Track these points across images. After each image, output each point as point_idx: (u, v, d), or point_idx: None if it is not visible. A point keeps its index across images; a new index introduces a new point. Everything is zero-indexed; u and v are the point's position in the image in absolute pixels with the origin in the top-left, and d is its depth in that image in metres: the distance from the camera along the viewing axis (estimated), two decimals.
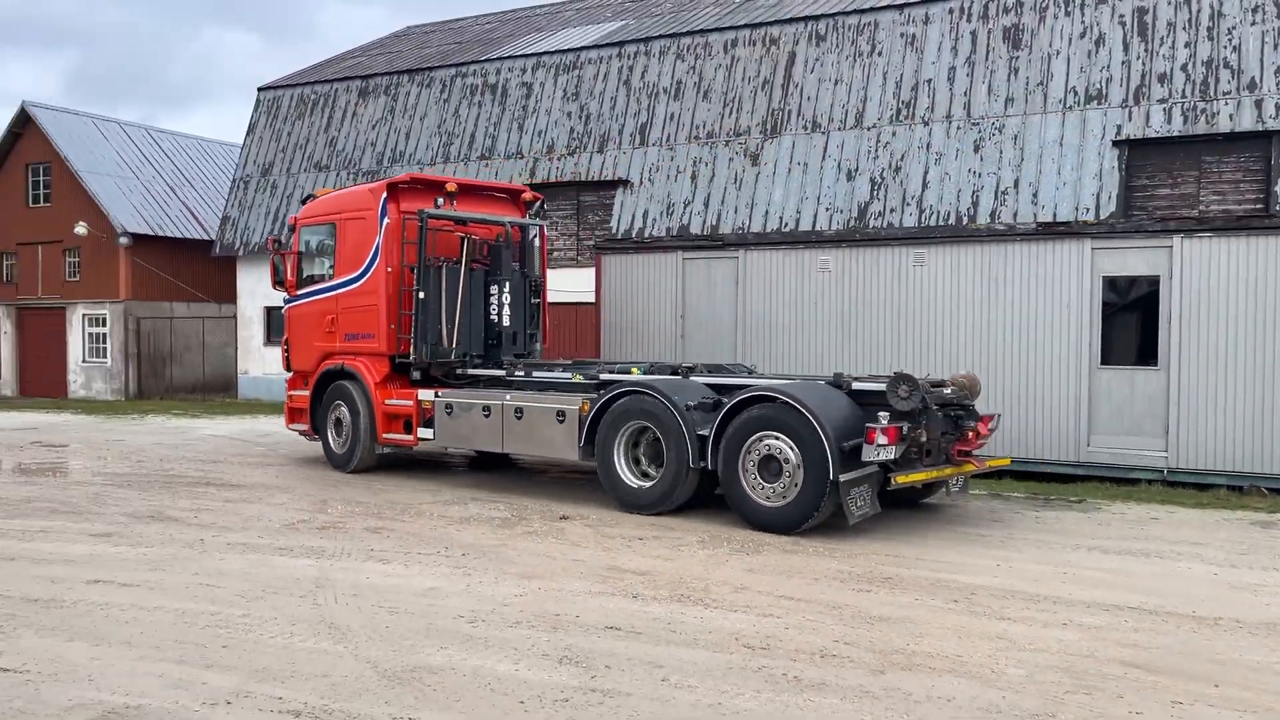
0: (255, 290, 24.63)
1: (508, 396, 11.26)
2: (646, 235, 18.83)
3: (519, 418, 11.03)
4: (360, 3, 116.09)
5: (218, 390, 27.47)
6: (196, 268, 28.37)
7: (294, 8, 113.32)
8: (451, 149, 22.10)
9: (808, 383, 9.68)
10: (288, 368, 13.94)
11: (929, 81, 17.47)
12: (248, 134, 25.40)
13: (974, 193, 16.43)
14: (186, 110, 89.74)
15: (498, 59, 22.28)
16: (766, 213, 18.04)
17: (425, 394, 12.07)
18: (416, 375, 12.48)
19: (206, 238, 28.46)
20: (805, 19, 18.94)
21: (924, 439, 9.01)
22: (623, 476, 10.09)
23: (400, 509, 10.02)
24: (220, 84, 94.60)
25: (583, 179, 20.32)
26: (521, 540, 8.57)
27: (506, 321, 12.60)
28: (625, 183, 19.81)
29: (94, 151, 28.46)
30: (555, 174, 20.67)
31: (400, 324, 12.32)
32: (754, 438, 9.14)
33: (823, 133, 18.05)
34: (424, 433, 12.05)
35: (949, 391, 9.47)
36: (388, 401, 12.37)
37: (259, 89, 25.58)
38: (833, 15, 18.67)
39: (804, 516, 8.79)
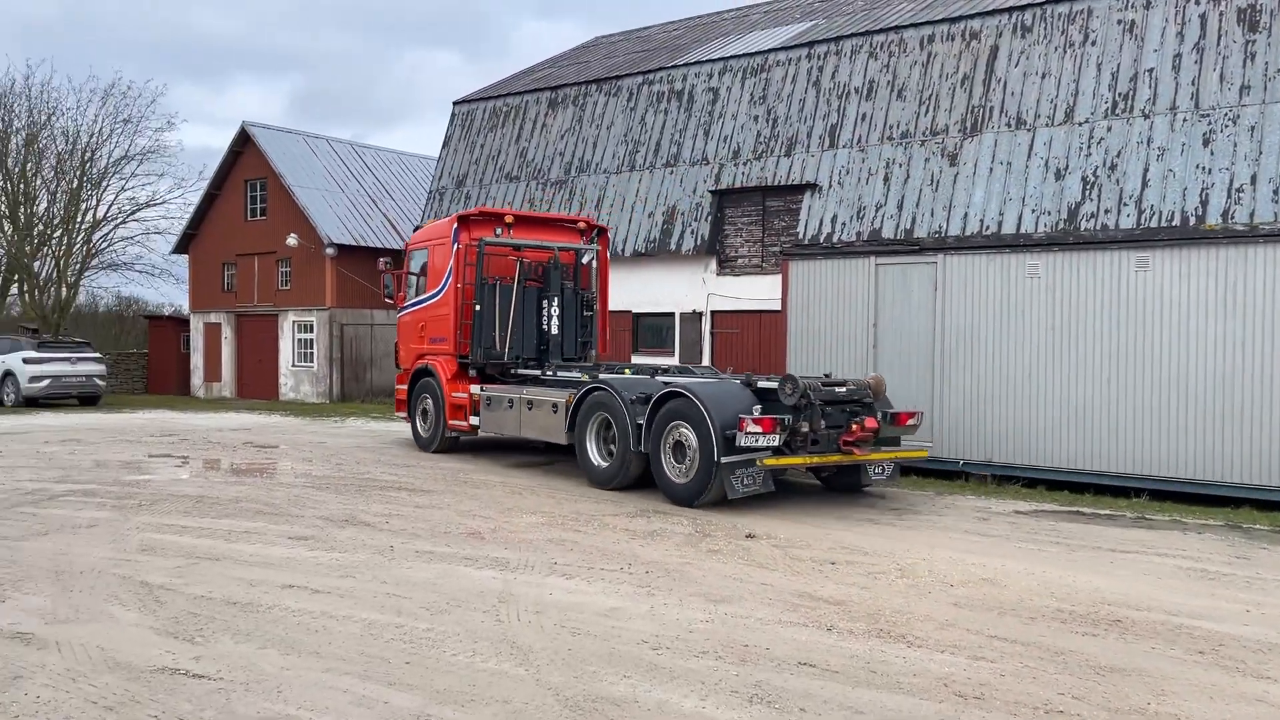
0: None
1: (524, 391, 13.57)
2: (835, 240, 18.18)
3: (530, 408, 13.32)
4: (554, 18, 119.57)
5: None
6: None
7: (491, 26, 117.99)
8: (637, 157, 22.09)
9: (719, 381, 11.55)
10: (397, 366, 16.69)
11: (1150, 71, 16.05)
12: (443, 147, 26.26)
13: (1203, 190, 14.95)
14: (391, 128, 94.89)
15: (684, 65, 22.12)
16: (966, 215, 17.05)
17: (475, 388, 14.61)
18: (473, 373, 14.98)
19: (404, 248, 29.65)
20: (1009, 10, 17.81)
21: (806, 429, 10.45)
22: (591, 457, 12.16)
23: (585, 520, 9.86)
24: (422, 102, 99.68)
25: (768, 183, 19.85)
26: (706, 559, 8.22)
27: (555, 330, 15.04)
28: (813, 186, 19.21)
29: (304, 167, 30.17)
30: (740, 179, 20.30)
31: (463, 331, 14.89)
32: (669, 426, 10.95)
33: (1028, 130, 16.90)
34: (474, 420, 14.58)
35: (842, 390, 10.86)
36: (454, 394, 14.96)
37: (454, 103, 26.41)
38: (1040, 5, 17.47)
39: (700, 490, 10.53)
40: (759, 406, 10.50)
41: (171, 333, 33.76)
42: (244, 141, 30.40)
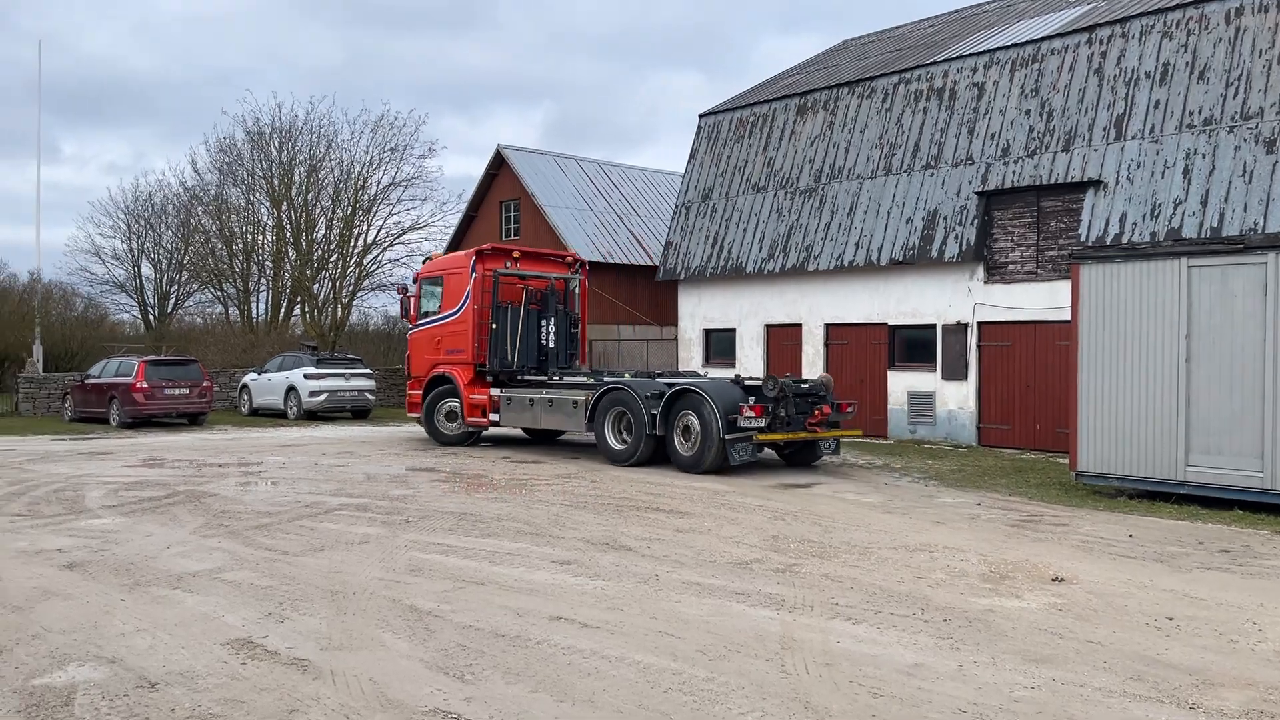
0: (695, 313, 25.08)
1: (543, 392, 17.20)
2: (1125, 241, 16.30)
3: (550, 406, 16.90)
4: (795, 33, 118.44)
5: None
6: (640, 292, 29.70)
7: (732, 45, 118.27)
8: (893, 160, 20.90)
9: (716, 380, 15.88)
10: (409, 374, 19.84)
11: None
12: (689, 160, 26.03)
13: None
14: (637, 149, 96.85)
15: (944, 60, 20.74)
16: None
17: (494, 391, 17.93)
18: (490, 379, 18.17)
19: (650, 263, 29.69)
20: None
21: (783, 414, 14.66)
22: (610, 441, 15.82)
23: (861, 553, 8.99)
24: (665, 122, 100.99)
25: (1043, 182, 18.16)
26: (1011, 604, 7.17)
27: (551, 344, 18.67)
28: (1097, 183, 17.37)
29: (555, 187, 30.87)
30: (1011, 179, 18.70)
31: (481, 345, 18.18)
32: (679, 415, 14.77)
33: None
34: (493, 417, 17.87)
35: (806, 385, 15.29)
36: (472, 396, 18.21)
37: (700, 115, 26.13)
38: None
39: (700, 461, 14.38)
40: (752, 398, 14.37)
41: None
42: (499, 164, 31.48)
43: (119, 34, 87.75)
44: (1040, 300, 18.20)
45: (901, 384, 20.48)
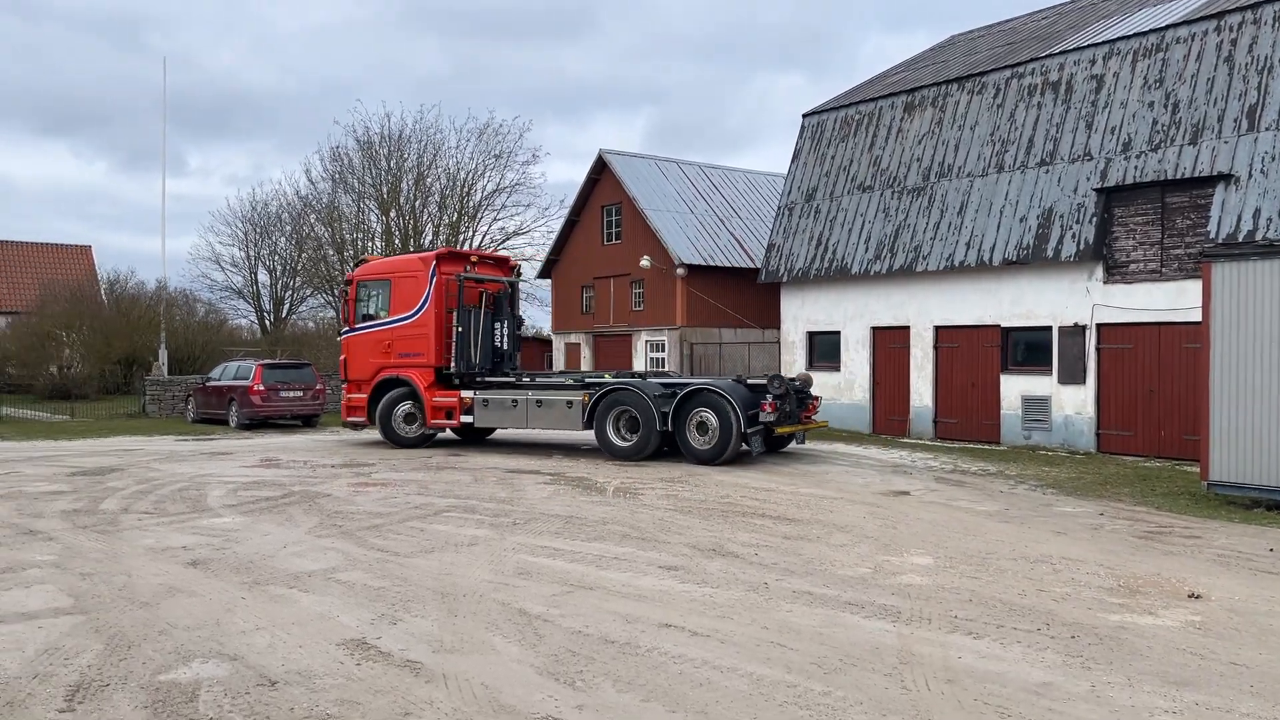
0: (798, 315, 24.75)
1: (529, 393, 17.58)
2: (1259, 238, 15.43)
3: (539, 406, 17.38)
4: (902, 30, 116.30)
5: None
6: (742, 294, 29.47)
7: (837, 45, 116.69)
8: (1005, 157, 20.24)
9: (720, 379, 16.70)
10: (345, 378, 19.55)
11: None
12: (793, 161, 25.71)
13: None
14: (739, 151, 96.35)
15: (1060, 53, 19.99)
16: None
17: (467, 393, 18.13)
18: (457, 381, 18.37)
19: (751, 265, 29.44)
20: None
21: (786, 409, 16.32)
22: (613, 440, 16.72)
23: (980, 563, 8.66)
24: (769, 124, 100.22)
25: (1168, 177, 17.33)
26: (1144, 621, 6.79)
27: (505, 346, 19.35)
28: (1227, 178, 16.50)
29: (656, 190, 30.87)
30: (1132, 174, 17.90)
31: (443, 347, 18.47)
32: (693, 412, 15.98)
33: None
34: (465, 418, 18.12)
35: (797, 383, 17.07)
36: (436, 399, 18.35)
37: (804, 115, 25.78)
38: None
39: (720, 453, 15.69)
40: (768, 396, 15.98)
41: (536, 352, 35.82)
42: (600, 168, 31.64)
43: (240, 51, 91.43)
44: (1165, 300, 17.38)
45: (1015, 388, 19.81)
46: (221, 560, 8.64)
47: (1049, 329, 19.23)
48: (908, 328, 22.01)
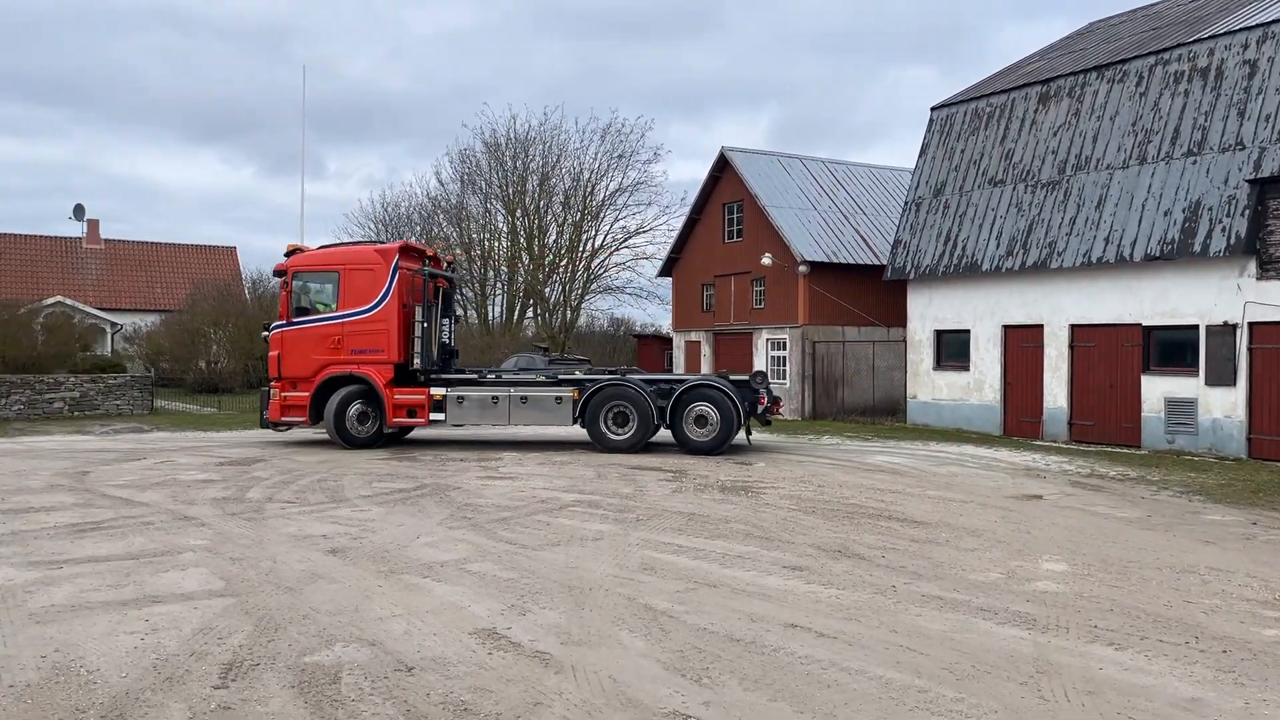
0: (925, 313, 24.20)
1: (511, 390, 17.60)
2: None
3: (524, 402, 17.51)
4: (1037, 18, 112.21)
5: (885, 414, 27.61)
6: (867, 292, 28.95)
7: (968, 35, 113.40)
8: (1149, 148, 19.33)
9: (711, 374, 19.28)
10: (277, 375, 17.97)
11: None
12: (920, 155, 25.13)
13: None
14: (867, 146, 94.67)
15: (1210, 37, 18.98)
16: None
17: (438, 389, 17.73)
18: (422, 378, 17.97)
19: (876, 262, 28.91)
20: None
21: (768, 401, 17.77)
22: (608, 434, 17.36)
23: (1121, 571, 8.31)
24: (896, 119, 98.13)
25: None
26: None
27: (451, 343, 19.46)
28: None
29: (779, 187, 30.61)
30: None
31: (406, 343, 17.97)
32: (690, 406, 17.19)
33: None
34: (435, 416, 17.71)
35: (764, 378, 17.99)
36: (399, 396, 17.80)
37: (932, 108, 25.18)
38: None
39: (721, 444, 17.12)
40: (763, 390, 17.65)
41: (656, 350, 36.02)
42: (722, 166, 31.56)
43: (377, 58, 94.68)
44: None
45: (1157, 390, 18.91)
46: (359, 549, 8.98)
47: (1195, 328, 18.29)
48: (1041, 326, 21.26)
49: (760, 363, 30.21)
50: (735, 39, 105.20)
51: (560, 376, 18.09)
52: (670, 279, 34.89)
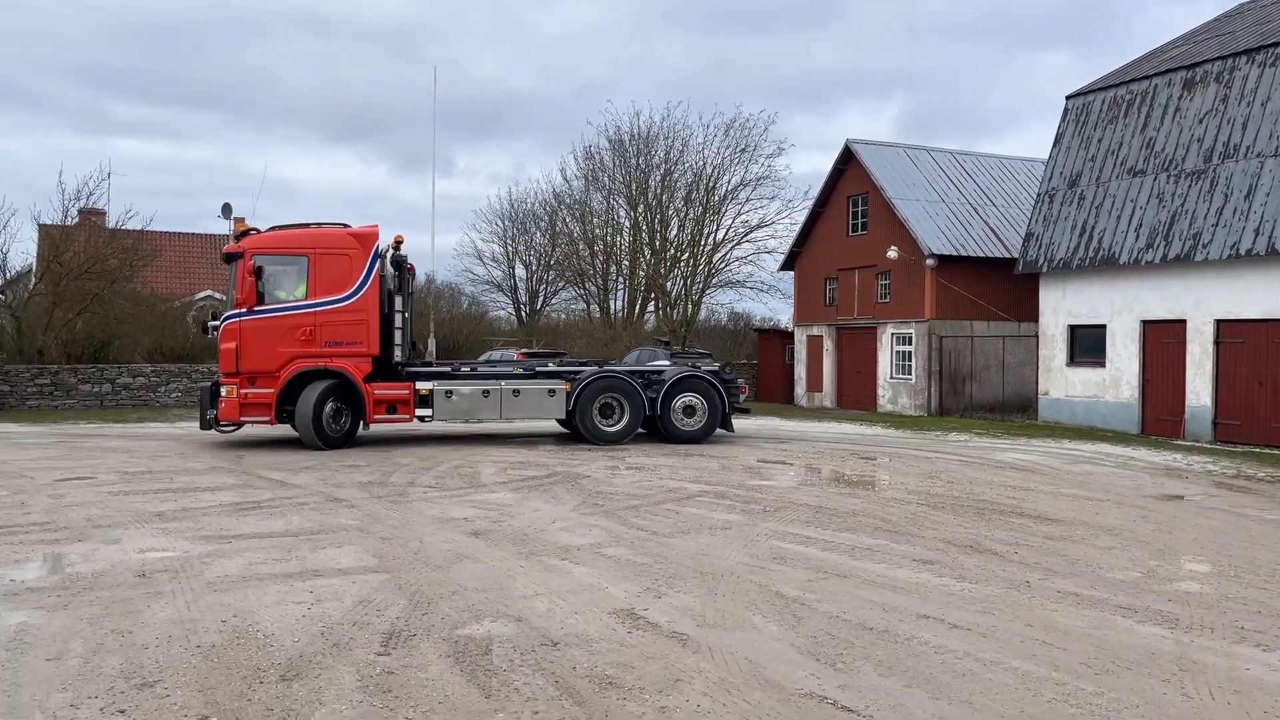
0: (1059, 308, 23.52)
1: (502, 383, 17.19)
2: None
3: (516, 395, 17.10)
4: (1183, 0, 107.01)
5: (1015, 410, 26.94)
6: (996, 286, 28.28)
7: (1108, 18, 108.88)
8: None
9: (689, 367, 18.51)
10: (234, 370, 16.00)
11: None
12: (1054, 145, 24.41)
13: None
14: (999, 136, 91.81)
15: None
16: None
17: (425, 384, 16.77)
18: (405, 372, 16.93)
19: (1006, 255, 28.20)
20: None
21: (748, 392, 20.14)
22: (599, 425, 17.43)
23: (1266, 575, 8.05)
24: (1030, 108, 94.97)
25: None
26: None
27: (410, 335, 17.70)
28: None
29: (905, 179, 30.15)
30: None
31: (385, 335, 16.68)
32: (678, 396, 17.73)
33: None
34: (422, 412, 16.73)
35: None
36: (379, 392, 16.52)
37: (1067, 97, 24.42)
38: None
39: (708, 434, 17.87)
40: (739, 380, 18.64)
41: (777, 345, 35.90)
42: (847, 159, 31.26)
43: (504, 56, 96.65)
44: None
45: None
46: (499, 531, 9.39)
47: None
48: (1183, 321, 20.44)
49: (885, 358, 29.86)
50: (861, 29, 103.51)
51: (537, 369, 17.92)
52: (792, 273, 34.75)
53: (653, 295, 43.69)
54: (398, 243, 17.33)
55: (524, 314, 50.28)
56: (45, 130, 79.93)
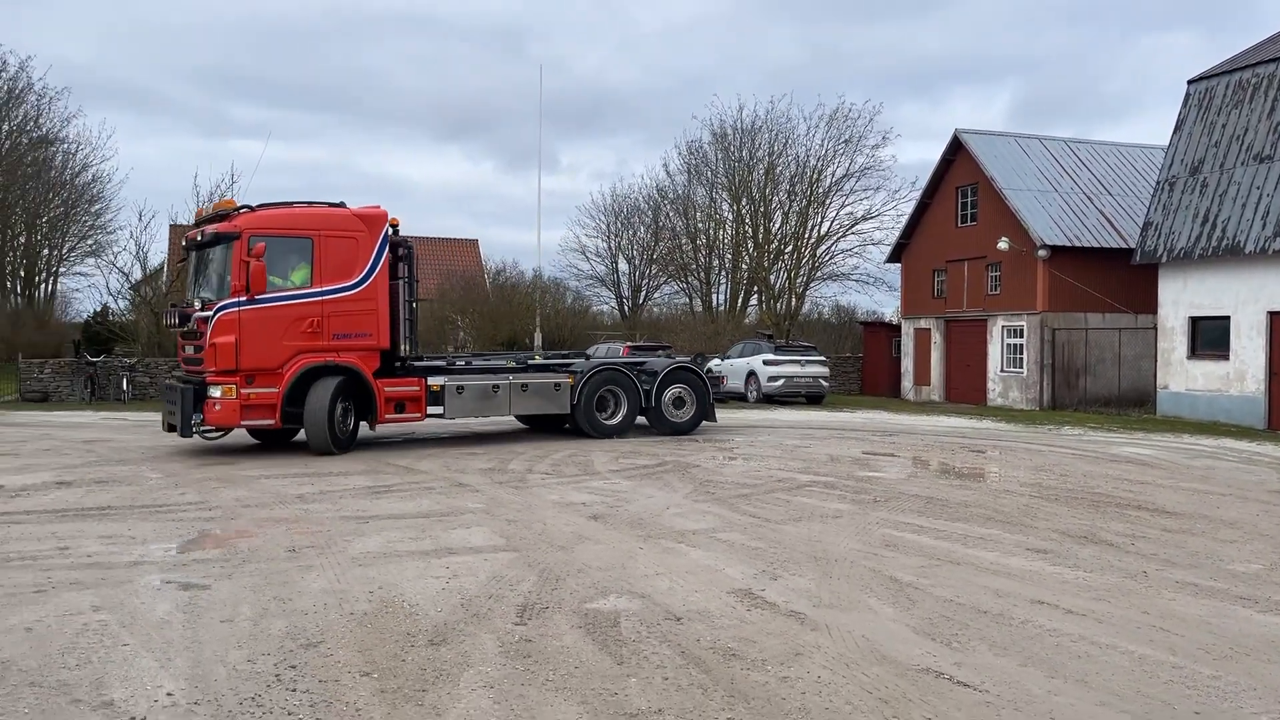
0: (1179, 299, 22.87)
1: (509, 377, 16.38)
2: None
3: (525, 390, 16.38)
4: None
5: (1131, 405, 26.25)
6: (1112, 277, 27.57)
7: None
8: None
9: (675, 358, 19.04)
10: (231, 367, 13.97)
11: None
12: (1174, 132, 23.70)
13: None
14: (1117, 122, 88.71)
15: None
16: None
17: (436, 379, 15.55)
18: (418, 365, 15.79)
19: (1122, 246, 27.47)
20: None
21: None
22: (600, 419, 17.09)
23: None
24: (1150, 93, 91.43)
25: None
26: None
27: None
28: None
29: (1016, 169, 29.60)
30: None
31: (394, 326, 15.30)
32: (668, 388, 17.68)
33: None
34: (433, 409, 15.50)
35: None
36: (389, 389, 15.11)
37: (1189, 81, 23.67)
38: None
39: (696, 424, 17.98)
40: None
41: (884, 338, 35.61)
42: (955, 149, 30.84)
43: (607, 52, 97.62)
44: None
45: None
46: (616, 516, 9.78)
47: None
48: None
49: (995, 351, 29.41)
50: (971, 14, 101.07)
51: (529, 362, 17.29)
52: (899, 265, 34.43)
53: (756, 288, 43.76)
54: (393, 225, 15.61)
55: (626, 308, 50.89)
56: (173, 134, 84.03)
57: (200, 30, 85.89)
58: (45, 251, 48.80)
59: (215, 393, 14.01)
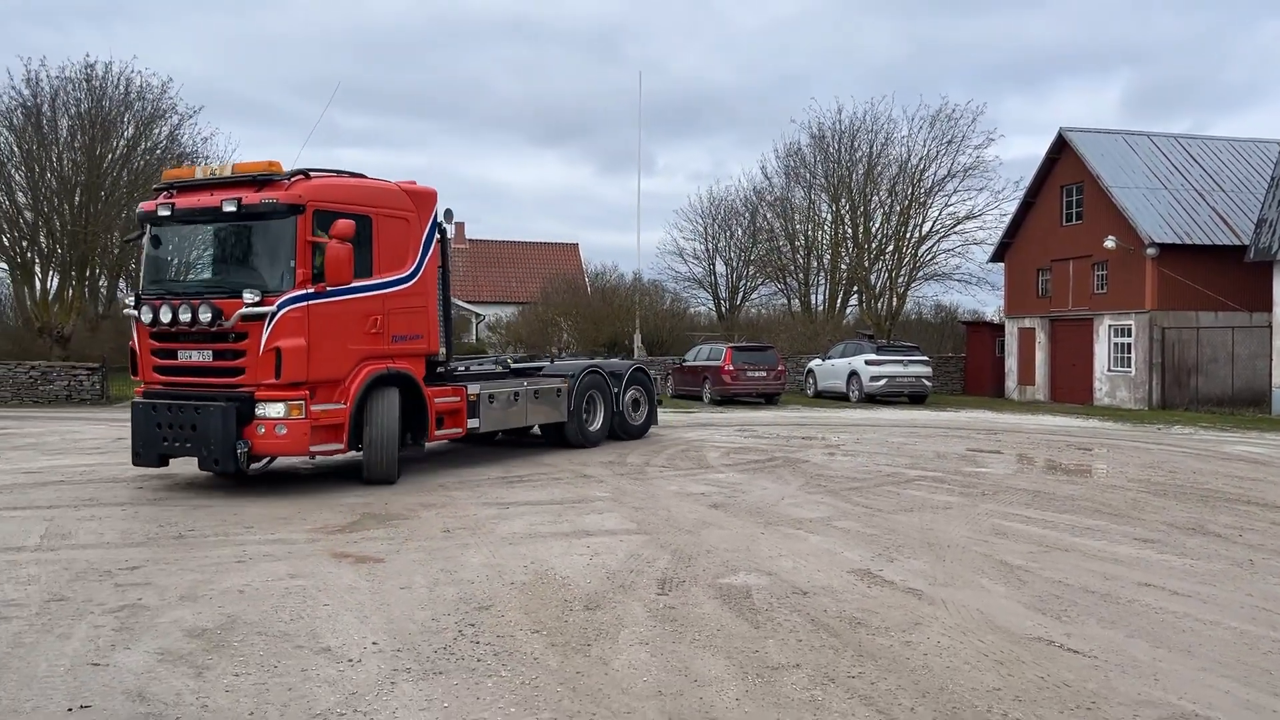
0: None
1: (524, 383, 14.61)
2: None
3: (537, 397, 14.72)
4: None
5: (1246, 404, 25.77)
6: (1224, 275, 27.11)
7: None
8: None
9: (628, 359, 21.85)
10: (305, 378, 10.70)
11: None
12: None
13: None
14: (1236, 113, 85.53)
15: None
16: None
17: (473, 387, 13.31)
18: (459, 370, 14.08)
19: (1236, 243, 26.97)
20: None
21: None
22: (590, 426, 15.89)
23: None
24: (1274, 77, 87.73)
25: None
26: None
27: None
28: None
29: (1123, 166, 29.28)
30: None
31: (442, 325, 12.80)
32: (627, 390, 16.68)
33: None
34: (472, 423, 13.21)
35: None
36: (439, 400, 12.58)
37: None
38: None
39: (646, 429, 17.33)
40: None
41: (987, 337, 35.45)
42: (1060, 148, 30.61)
43: (703, 53, 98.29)
44: None
45: None
46: (734, 504, 10.44)
47: None
48: None
49: (1102, 351, 29.13)
50: (1079, 3, 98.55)
51: (515, 366, 15.69)
52: (1002, 264, 34.25)
53: (855, 288, 43.86)
54: (446, 213, 13.18)
55: (723, 309, 51.42)
56: (283, 145, 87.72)
57: (307, 43, 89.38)
58: None
59: (274, 411, 10.61)
